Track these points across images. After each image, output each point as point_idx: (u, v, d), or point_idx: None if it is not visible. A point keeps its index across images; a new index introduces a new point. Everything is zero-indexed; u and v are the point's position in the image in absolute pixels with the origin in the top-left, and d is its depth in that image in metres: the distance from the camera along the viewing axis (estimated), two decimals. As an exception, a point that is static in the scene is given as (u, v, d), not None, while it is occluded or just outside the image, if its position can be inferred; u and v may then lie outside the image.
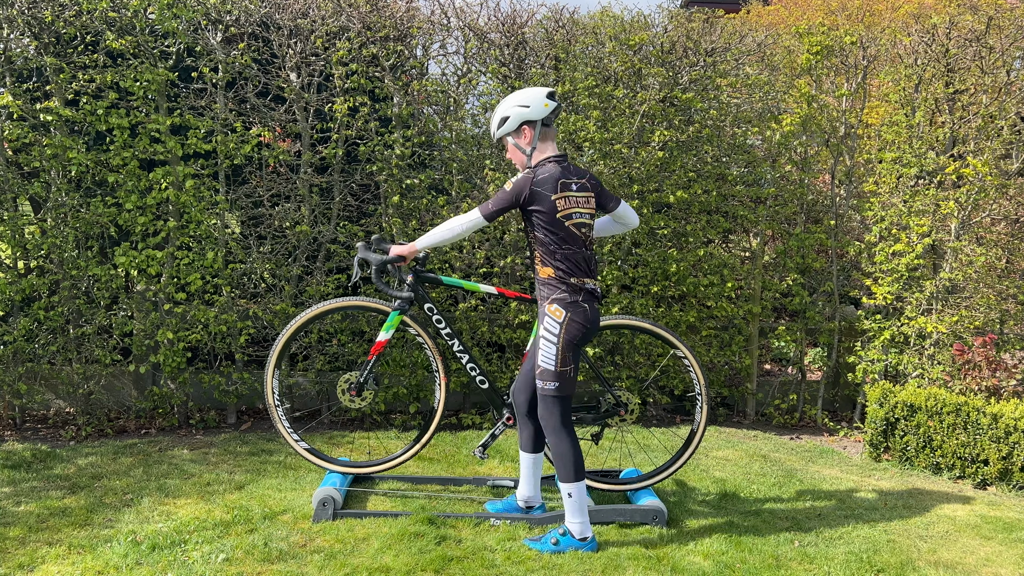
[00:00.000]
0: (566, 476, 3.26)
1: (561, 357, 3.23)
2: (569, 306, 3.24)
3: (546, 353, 3.25)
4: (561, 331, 3.23)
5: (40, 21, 4.68)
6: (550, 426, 3.29)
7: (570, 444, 3.27)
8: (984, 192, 5.12)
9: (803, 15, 8.00)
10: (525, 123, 3.31)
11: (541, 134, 3.32)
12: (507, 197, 3.25)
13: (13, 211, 4.80)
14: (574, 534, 3.26)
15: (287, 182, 5.11)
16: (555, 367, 3.24)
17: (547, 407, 3.29)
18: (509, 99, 3.35)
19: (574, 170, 3.34)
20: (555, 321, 3.23)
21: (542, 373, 3.26)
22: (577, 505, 3.27)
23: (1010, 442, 4.29)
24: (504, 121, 3.35)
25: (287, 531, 3.36)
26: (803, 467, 4.64)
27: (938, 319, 5.16)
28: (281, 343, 3.69)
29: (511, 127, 3.33)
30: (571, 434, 3.29)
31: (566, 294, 3.25)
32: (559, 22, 5.44)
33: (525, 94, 3.33)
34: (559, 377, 3.25)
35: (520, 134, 3.34)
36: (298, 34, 5.02)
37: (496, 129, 3.39)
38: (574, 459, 3.26)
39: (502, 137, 3.41)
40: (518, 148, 3.36)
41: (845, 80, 5.79)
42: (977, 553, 3.44)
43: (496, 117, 3.38)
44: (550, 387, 3.26)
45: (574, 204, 3.26)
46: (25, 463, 4.19)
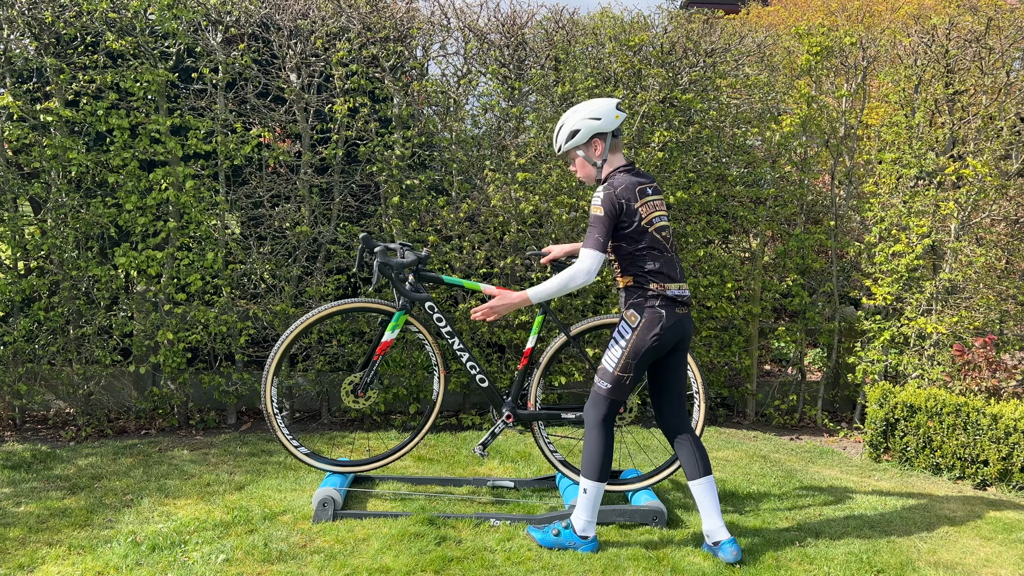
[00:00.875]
0: (589, 473, 3.26)
1: (623, 362, 3.21)
2: (645, 311, 3.20)
3: (611, 355, 3.24)
4: (632, 336, 3.21)
5: (40, 22, 4.68)
6: (591, 421, 3.29)
7: (603, 445, 3.26)
8: (984, 193, 5.12)
9: (803, 16, 8.01)
10: (596, 135, 3.25)
11: (611, 146, 3.27)
12: (607, 221, 3.15)
13: (13, 211, 4.80)
14: (576, 529, 3.27)
15: (287, 183, 5.12)
16: (613, 370, 3.23)
17: (594, 403, 3.29)
18: (578, 111, 3.27)
19: (643, 174, 3.31)
20: (628, 325, 3.23)
21: (601, 371, 3.27)
22: (588, 502, 3.27)
23: (1010, 443, 4.29)
24: (574, 134, 3.26)
25: (287, 532, 3.36)
26: (803, 468, 4.64)
27: (938, 320, 5.16)
28: (280, 349, 3.60)
29: (582, 140, 3.26)
30: (607, 436, 3.28)
31: (642, 299, 3.22)
32: (559, 23, 5.44)
33: (595, 106, 3.26)
34: (614, 380, 3.23)
35: (591, 147, 3.27)
36: (298, 35, 5.02)
37: (564, 142, 3.29)
38: (602, 460, 3.25)
39: (568, 151, 3.32)
40: (588, 161, 3.29)
41: (845, 81, 5.80)
42: (977, 554, 3.44)
43: (564, 130, 3.29)
44: (603, 387, 3.26)
45: (654, 209, 3.24)
46: (25, 463, 4.19)
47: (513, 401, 3.80)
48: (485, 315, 3.34)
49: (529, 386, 3.81)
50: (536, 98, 5.43)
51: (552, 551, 3.25)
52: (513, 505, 3.77)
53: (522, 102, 5.39)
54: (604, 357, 3.27)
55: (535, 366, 3.82)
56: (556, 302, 5.25)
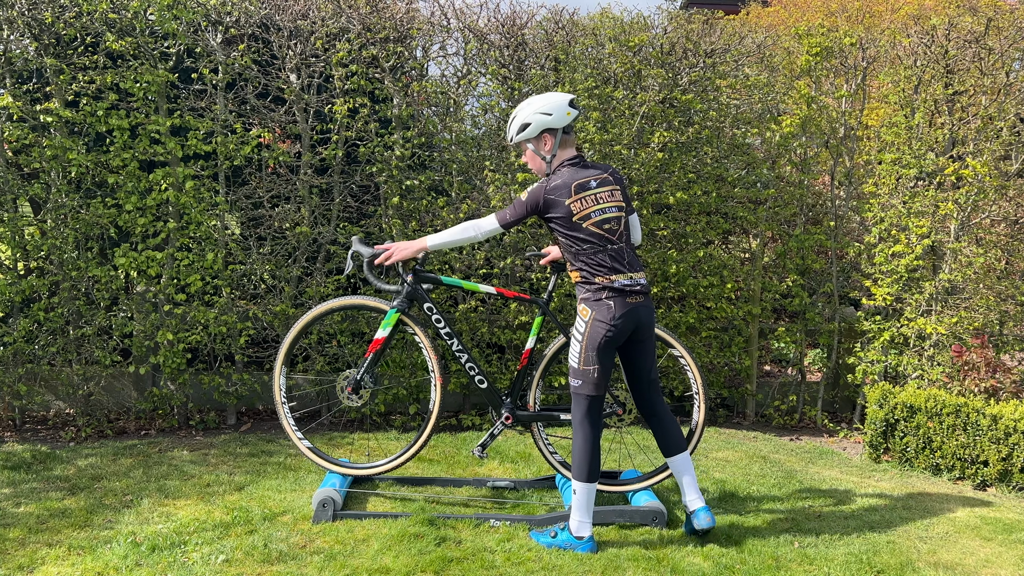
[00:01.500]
0: (578, 474, 3.29)
1: (583, 356, 3.27)
2: (593, 304, 3.26)
3: (572, 351, 3.31)
4: (586, 330, 3.27)
5: (40, 22, 4.68)
6: (574, 420, 3.34)
7: (589, 444, 3.29)
8: (983, 193, 5.12)
9: (803, 16, 8.01)
10: (546, 131, 3.29)
11: (561, 141, 3.30)
12: (522, 207, 3.27)
13: (13, 212, 4.80)
14: (571, 530, 3.28)
15: (287, 183, 5.12)
16: (578, 365, 3.29)
17: (574, 402, 3.34)
18: (530, 104, 3.31)
19: (591, 166, 3.33)
20: (582, 320, 3.29)
21: (570, 370, 3.33)
22: (581, 502, 3.29)
23: (1010, 443, 4.29)
24: (524, 128, 3.31)
25: (287, 532, 3.36)
26: (803, 468, 4.64)
27: (937, 320, 5.16)
28: (287, 343, 3.75)
29: (531, 134, 3.31)
30: (592, 434, 3.31)
31: (590, 294, 3.28)
32: (559, 23, 5.45)
33: (546, 100, 3.30)
34: (582, 375, 3.29)
35: (540, 141, 3.32)
36: (298, 35, 5.02)
37: (515, 134, 3.35)
38: (589, 459, 3.28)
39: (519, 143, 3.38)
40: (537, 154, 3.34)
41: (845, 81, 5.80)
42: (977, 554, 3.44)
43: (516, 122, 3.34)
44: (574, 384, 3.31)
45: (592, 203, 3.25)
46: (25, 464, 4.19)
47: (512, 402, 3.80)
48: (386, 257, 3.47)
49: (528, 387, 3.81)
50: (536, 99, 5.43)
51: (552, 551, 3.25)
52: (513, 506, 3.77)
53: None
54: (569, 355, 3.34)
55: (534, 367, 3.82)
56: (556, 302, 5.25)
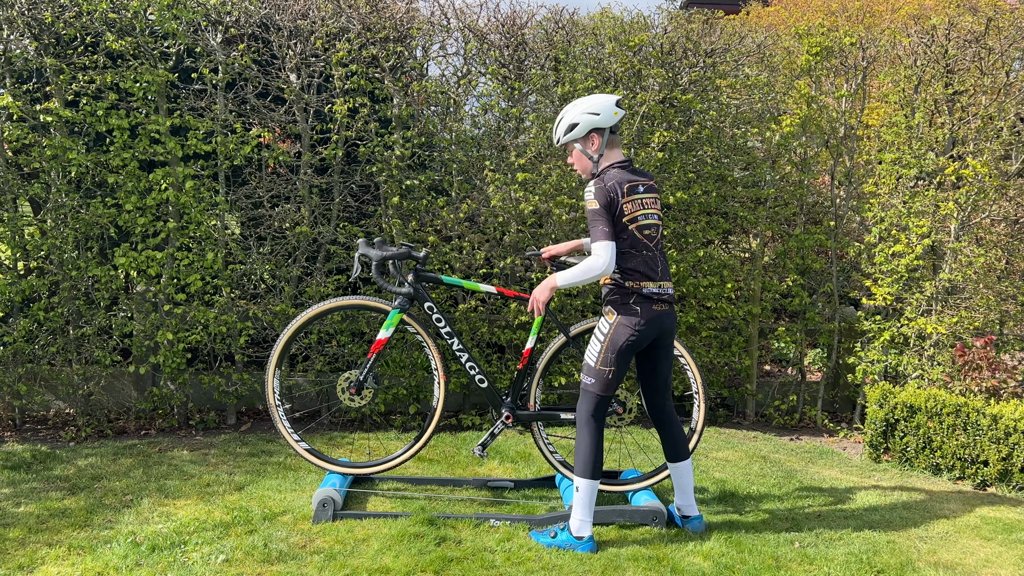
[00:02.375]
0: (581, 471, 3.31)
1: (602, 356, 3.30)
2: (620, 308, 3.31)
3: (591, 350, 3.35)
4: (610, 332, 3.30)
5: (40, 22, 4.68)
6: (580, 417, 3.36)
7: (593, 441, 3.32)
8: (983, 193, 5.12)
9: (803, 16, 8.01)
10: (594, 130, 3.34)
11: (608, 141, 3.35)
12: (604, 212, 3.23)
13: (13, 212, 4.80)
14: (572, 530, 3.29)
15: (287, 183, 5.12)
16: (595, 365, 3.32)
17: (582, 399, 3.36)
18: (577, 105, 3.35)
19: (639, 172, 3.38)
20: (606, 322, 3.33)
21: (585, 367, 3.36)
22: (583, 500, 3.31)
23: (1010, 443, 4.29)
24: (572, 128, 3.34)
25: (287, 532, 3.36)
26: (803, 468, 4.64)
27: (938, 320, 5.16)
28: (282, 343, 3.71)
29: (579, 134, 3.34)
30: (597, 432, 3.34)
31: (618, 297, 3.32)
32: (559, 23, 5.44)
33: (594, 101, 3.35)
34: (597, 375, 3.32)
35: (588, 140, 3.36)
36: (298, 35, 5.02)
37: (563, 135, 3.37)
38: (593, 457, 3.31)
39: (566, 143, 3.40)
40: (585, 154, 3.37)
41: (845, 81, 5.80)
42: (977, 554, 3.44)
43: (563, 123, 3.36)
44: (587, 382, 3.34)
45: (640, 207, 3.30)
46: (25, 464, 4.19)
47: (512, 401, 3.80)
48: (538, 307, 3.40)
49: (529, 386, 3.81)
50: (536, 98, 5.44)
51: (552, 551, 3.25)
52: (513, 505, 3.77)
53: (522, 102, 5.39)
54: (586, 353, 3.37)
55: (534, 367, 3.82)
56: (555, 302, 5.25)
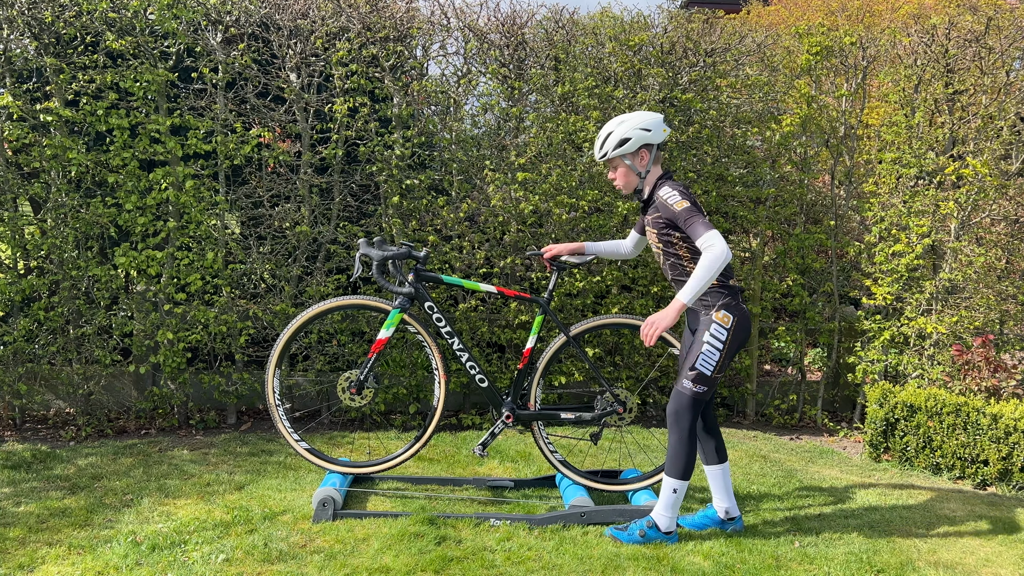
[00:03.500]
0: (677, 472, 3.31)
1: (721, 363, 3.27)
2: (734, 310, 3.29)
3: (709, 358, 3.25)
4: (729, 337, 3.27)
5: (40, 22, 4.68)
6: (682, 425, 3.29)
7: (691, 446, 3.31)
8: (984, 193, 5.12)
9: (803, 16, 8.01)
10: (645, 146, 3.37)
11: (655, 157, 3.40)
12: (695, 206, 3.21)
13: (13, 211, 4.80)
14: (660, 527, 3.33)
15: (287, 182, 5.12)
16: (712, 373, 3.27)
17: (687, 407, 3.29)
18: (628, 121, 3.36)
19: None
20: (723, 328, 3.27)
21: (697, 377, 3.26)
22: (674, 501, 3.33)
23: (1010, 442, 4.29)
24: (624, 143, 3.35)
25: (287, 531, 3.36)
26: (803, 467, 4.64)
27: (938, 319, 5.16)
28: (282, 343, 3.70)
29: (630, 149, 3.36)
30: (694, 435, 3.32)
31: (731, 298, 3.30)
32: (559, 23, 5.44)
33: (644, 117, 3.37)
34: (710, 383, 3.28)
35: (637, 156, 3.39)
36: (298, 35, 5.02)
37: (612, 149, 3.37)
38: (688, 459, 3.31)
39: (613, 158, 3.41)
40: (632, 170, 3.40)
41: (845, 80, 5.80)
42: (977, 553, 3.44)
43: (613, 138, 3.37)
44: (699, 390, 3.28)
45: None
46: (25, 463, 4.19)
47: (513, 401, 3.80)
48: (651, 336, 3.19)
49: (529, 386, 3.81)
50: (536, 98, 5.44)
51: (552, 552, 3.24)
52: (513, 505, 3.77)
53: (522, 102, 5.39)
54: (699, 362, 3.25)
55: (535, 366, 3.82)
56: (556, 302, 5.25)
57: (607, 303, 5.35)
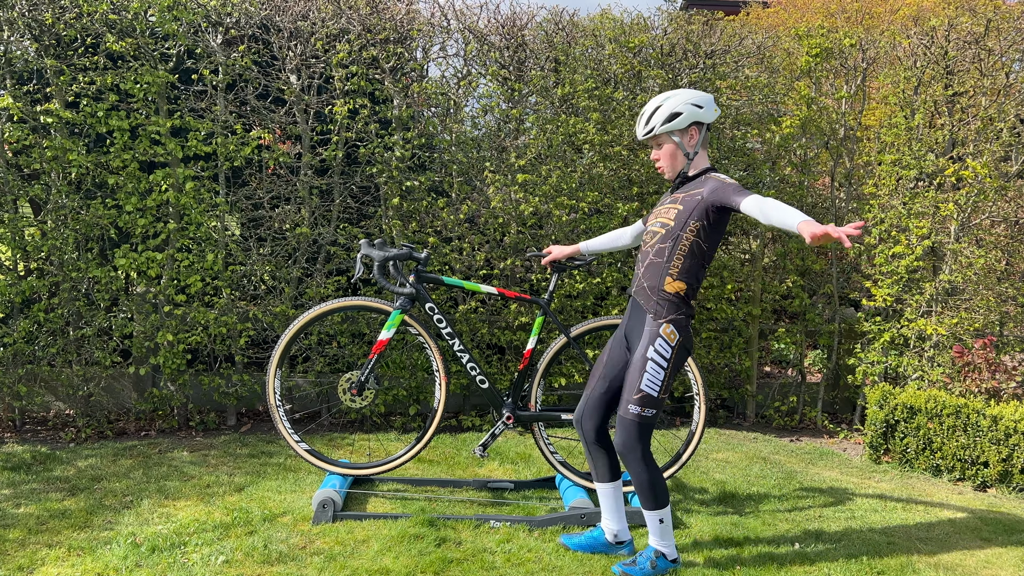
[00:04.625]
0: (655, 504, 3.06)
1: (666, 383, 3.01)
2: (682, 330, 3.02)
3: (654, 378, 2.99)
4: (673, 355, 3.01)
5: (40, 23, 4.69)
6: (636, 455, 3.02)
7: (654, 471, 3.05)
8: (983, 194, 5.12)
9: (802, 17, 8.02)
10: (695, 123, 3.04)
11: (704, 139, 3.08)
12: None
13: (13, 213, 4.80)
14: (667, 556, 3.09)
15: (287, 184, 5.12)
16: (658, 394, 3.01)
17: (637, 435, 3.02)
18: (678, 95, 3.03)
19: None
20: (668, 345, 3.00)
21: (643, 399, 2.99)
22: (665, 529, 3.09)
23: (1010, 444, 4.29)
24: (674, 117, 3.00)
25: (287, 533, 3.36)
26: (803, 469, 4.64)
27: (938, 321, 5.16)
28: (283, 344, 3.71)
29: (680, 124, 3.01)
30: (654, 462, 3.07)
31: (683, 316, 3.02)
32: (559, 24, 5.45)
33: (697, 94, 3.04)
34: (657, 404, 3.02)
35: (687, 134, 3.05)
36: (298, 36, 5.03)
37: (660, 124, 3.03)
38: (658, 485, 3.06)
39: (660, 135, 3.06)
40: (680, 149, 3.06)
41: (844, 82, 5.80)
42: (977, 555, 3.44)
43: (661, 111, 3.02)
44: (648, 413, 3.01)
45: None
46: (25, 465, 4.19)
47: (513, 402, 3.80)
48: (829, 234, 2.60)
49: (529, 387, 3.81)
50: (536, 99, 5.44)
51: (552, 553, 3.24)
52: (513, 507, 3.77)
53: (522, 104, 5.39)
54: (641, 382, 2.99)
55: (535, 368, 3.82)
56: (556, 303, 5.25)
57: (607, 305, 5.35)
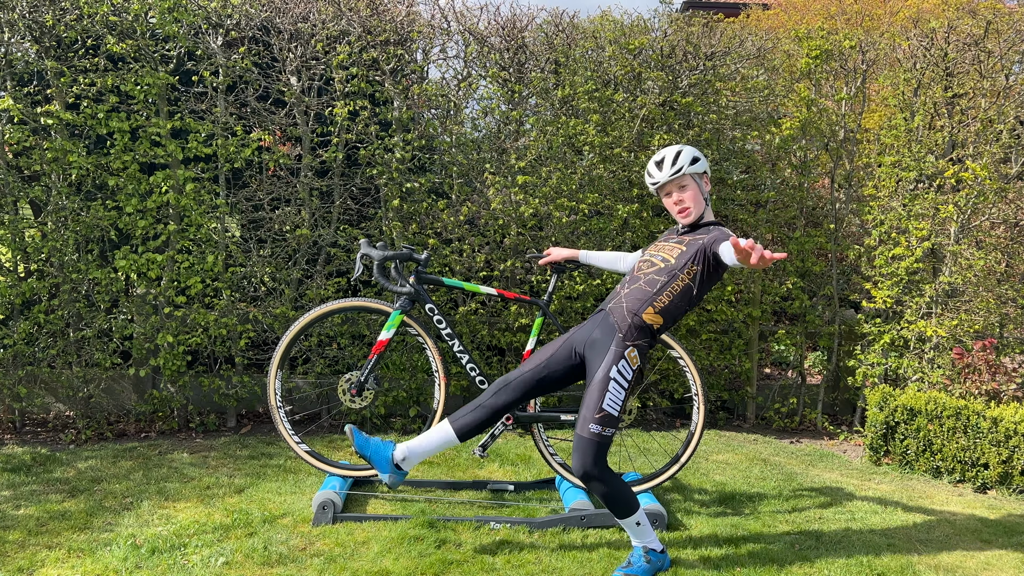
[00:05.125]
0: (628, 511, 3.10)
1: (625, 403, 3.09)
2: (643, 356, 3.15)
3: (615, 397, 3.05)
4: (632, 378, 3.11)
5: (41, 25, 4.69)
6: (596, 472, 3.03)
7: (618, 484, 3.08)
8: (983, 196, 5.13)
9: (802, 19, 8.03)
10: (706, 172, 3.27)
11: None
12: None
13: (14, 214, 4.80)
14: (656, 548, 3.16)
15: (287, 186, 5.12)
16: (618, 413, 3.06)
17: (596, 452, 3.02)
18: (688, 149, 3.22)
19: None
20: (630, 368, 3.10)
21: (604, 418, 3.03)
22: (645, 524, 3.14)
23: (1010, 446, 4.29)
24: (696, 160, 3.21)
25: (287, 535, 3.36)
26: (803, 471, 4.64)
27: (938, 323, 5.16)
28: (284, 346, 3.71)
29: (702, 167, 3.23)
30: (613, 473, 3.11)
31: (646, 344, 3.15)
32: (559, 26, 5.45)
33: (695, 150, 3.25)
34: (616, 423, 3.08)
35: (703, 178, 3.26)
36: (298, 38, 5.03)
37: (688, 166, 3.20)
38: (625, 495, 3.09)
39: (687, 175, 3.22)
40: (701, 194, 3.24)
41: (844, 84, 5.81)
42: (977, 557, 3.44)
43: (685, 155, 3.20)
44: (608, 433, 3.03)
45: None
46: (25, 466, 4.19)
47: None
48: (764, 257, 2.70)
49: (529, 389, 3.80)
50: (536, 101, 5.45)
51: (553, 555, 3.24)
52: (513, 508, 3.76)
53: (522, 105, 5.39)
54: (603, 401, 3.04)
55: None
56: (556, 304, 5.25)
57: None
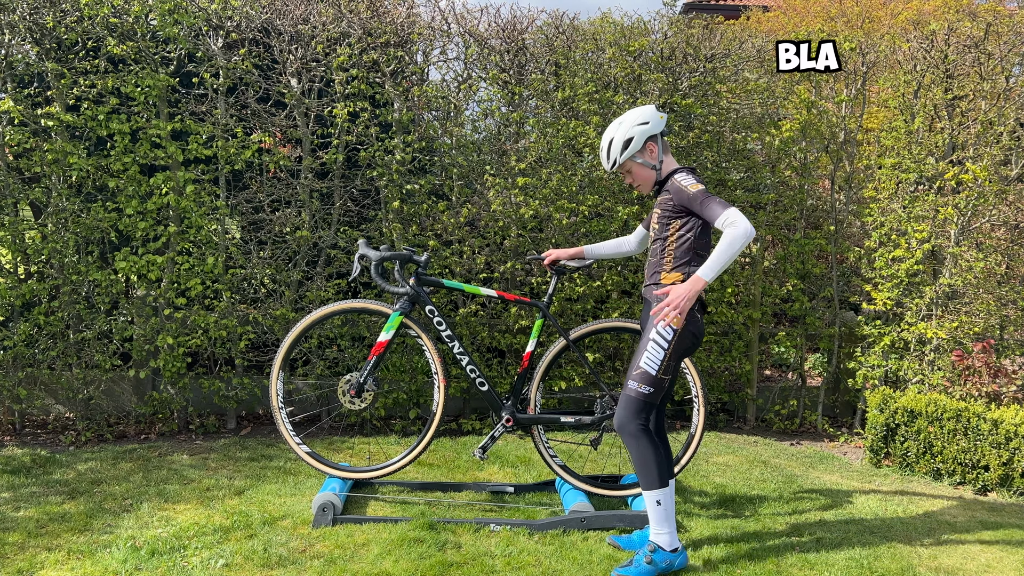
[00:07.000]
0: (651, 483, 3.08)
1: (666, 364, 3.09)
2: (688, 316, 3.09)
3: (653, 357, 3.08)
4: (674, 339, 3.08)
5: (41, 27, 4.69)
6: (631, 431, 3.09)
7: (653, 448, 3.09)
8: (983, 198, 5.13)
9: (802, 21, 8.03)
10: (649, 139, 3.21)
11: (663, 146, 3.23)
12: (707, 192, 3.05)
13: (14, 216, 4.81)
14: (664, 547, 3.08)
15: (287, 187, 5.12)
16: (656, 372, 3.08)
17: (633, 410, 3.10)
18: (624, 122, 3.21)
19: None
20: (670, 328, 3.08)
21: (641, 375, 3.09)
22: (665, 514, 3.09)
23: (1010, 448, 4.29)
24: (628, 143, 3.19)
25: (287, 536, 3.35)
26: (803, 473, 4.64)
27: (938, 325, 5.16)
28: (285, 347, 3.72)
29: (637, 147, 3.19)
30: (652, 438, 3.11)
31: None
32: (559, 28, 5.46)
33: (638, 113, 3.22)
34: (656, 383, 3.09)
35: (645, 151, 3.21)
36: (299, 40, 5.03)
37: (619, 155, 3.21)
38: (658, 463, 3.08)
39: (625, 163, 3.23)
40: (646, 166, 3.22)
41: (844, 86, 5.81)
42: (978, 559, 3.44)
43: (616, 143, 3.21)
44: (644, 391, 3.09)
45: None
46: (24, 468, 4.19)
47: (513, 405, 3.80)
48: (672, 318, 2.99)
49: (529, 390, 3.81)
50: (536, 103, 5.45)
51: (553, 557, 3.24)
52: (513, 510, 3.76)
53: (522, 107, 5.40)
54: (641, 360, 3.10)
55: (535, 370, 3.82)
56: (556, 306, 5.25)
57: (607, 308, 5.35)
